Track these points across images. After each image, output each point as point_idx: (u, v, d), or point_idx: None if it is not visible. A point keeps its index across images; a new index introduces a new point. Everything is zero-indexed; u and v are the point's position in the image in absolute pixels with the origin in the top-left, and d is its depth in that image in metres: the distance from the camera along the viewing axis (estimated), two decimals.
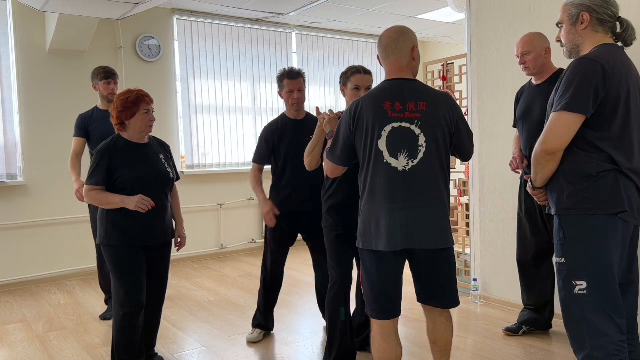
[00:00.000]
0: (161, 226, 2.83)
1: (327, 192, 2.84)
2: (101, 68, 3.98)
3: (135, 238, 2.74)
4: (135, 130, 2.77)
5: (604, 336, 1.97)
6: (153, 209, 2.74)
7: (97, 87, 3.97)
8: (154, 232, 2.80)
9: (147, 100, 2.77)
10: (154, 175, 2.78)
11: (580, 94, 1.94)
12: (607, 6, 2.06)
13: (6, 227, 4.95)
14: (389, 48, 2.26)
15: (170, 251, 2.99)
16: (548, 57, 3.05)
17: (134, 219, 2.72)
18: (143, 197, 2.66)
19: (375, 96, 2.24)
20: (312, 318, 3.88)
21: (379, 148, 2.19)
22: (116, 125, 2.78)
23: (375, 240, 2.20)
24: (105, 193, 2.69)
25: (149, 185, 2.75)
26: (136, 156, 2.77)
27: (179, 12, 5.82)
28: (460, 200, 4.46)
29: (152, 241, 2.81)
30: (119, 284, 2.72)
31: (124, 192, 2.70)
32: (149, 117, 2.78)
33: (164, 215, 2.85)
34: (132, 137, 2.80)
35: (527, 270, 3.35)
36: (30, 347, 3.44)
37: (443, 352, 2.37)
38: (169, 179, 2.87)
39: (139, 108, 2.74)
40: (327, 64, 6.93)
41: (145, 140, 2.85)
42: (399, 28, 2.30)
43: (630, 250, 2.10)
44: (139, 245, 2.76)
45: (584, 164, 2.00)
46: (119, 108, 2.74)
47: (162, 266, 2.94)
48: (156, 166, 2.82)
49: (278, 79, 3.36)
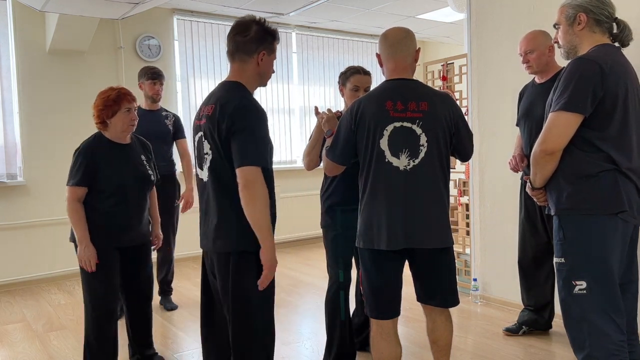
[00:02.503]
0: (138, 228, 2.78)
1: (326, 192, 2.84)
2: (148, 68, 4.08)
3: (111, 239, 2.68)
4: (117, 129, 2.71)
5: (603, 336, 1.97)
6: (131, 211, 2.70)
7: (142, 86, 4.05)
8: (130, 233, 2.75)
9: (128, 99, 2.71)
10: (135, 178, 2.74)
11: (579, 93, 1.94)
12: (603, 7, 2.07)
13: (6, 227, 4.95)
14: (395, 46, 2.26)
15: (150, 252, 2.93)
16: (551, 56, 3.03)
17: (112, 219, 2.66)
18: (92, 259, 2.58)
19: (377, 96, 2.24)
20: (312, 318, 3.88)
21: (380, 147, 2.20)
22: (97, 124, 2.71)
23: (376, 240, 2.21)
24: (82, 214, 2.61)
25: (131, 187, 2.71)
26: (119, 157, 2.72)
27: (179, 12, 5.82)
28: (460, 200, 4.46)
29: (128, 243, 2.74)
30: (91, 286, 2.64)
31: (104, 194, 2.64)
32: (130, 115, 2.71)
33: (142, 217, 2.80)
34: (114, 137, 2.73)
35: (527, 271, 3.34)
36: (30, 347, 3.44)
37: (443, 352, 2.37)
38: (150, 181, 2.83)
39: (120, 106, 2.68)
40: (327, 64, 6.93)
41: (128, 140, 2.79)
42: (404, 28, 2.32)
43: (629, 250, 2.10)
44: (113, 246, 2.69)
45: (583, 164, 2.00)
46: (100, 106, 2.68)
47: (143, 267, 2.87)
48: (138, 168, 2.77)
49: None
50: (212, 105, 2.00)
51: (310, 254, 5.98)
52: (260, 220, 1.92)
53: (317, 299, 4.28)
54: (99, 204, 2.66)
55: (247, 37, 2.01)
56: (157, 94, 4.05)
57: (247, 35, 2.02)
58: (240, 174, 1.91)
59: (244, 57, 2.04)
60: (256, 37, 2.02)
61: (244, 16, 2.07)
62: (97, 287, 2.65)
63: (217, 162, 1.98)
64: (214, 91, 2.10)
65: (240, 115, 1.93)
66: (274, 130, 6.49)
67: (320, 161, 2.77)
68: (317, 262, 5.53)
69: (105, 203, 2.66)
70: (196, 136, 2.10)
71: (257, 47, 2.03)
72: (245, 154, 1.91)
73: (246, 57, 2.04)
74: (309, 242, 6.60)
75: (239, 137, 1.92)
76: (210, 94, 2.11)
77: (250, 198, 1.91)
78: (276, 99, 6.49)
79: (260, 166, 1.93)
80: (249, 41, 2.02)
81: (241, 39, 2.02)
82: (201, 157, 2.06)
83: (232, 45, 2.05)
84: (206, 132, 2.00)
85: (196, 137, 2.10)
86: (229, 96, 1.99)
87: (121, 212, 2.69)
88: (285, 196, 6.38)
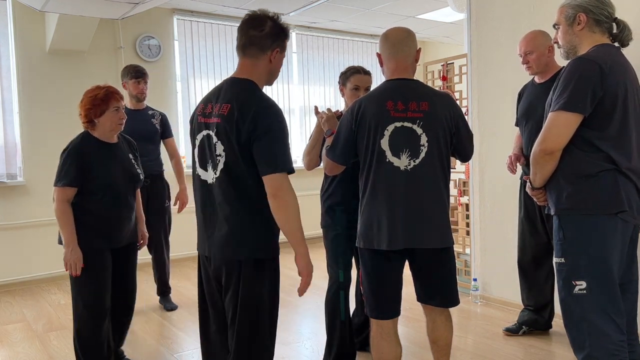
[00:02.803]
0: (128, 227, 2.76)
1: (326, 192, 2.84)
2: (132, 67, 4.00)
3: (105, 240, 2.65)
4: (105, 128, 2.65)
5: (603, 336, 1.97)
6: (123, 211, 2.68)
7: (126, 85, 3.98)
8: (123, 233, 2.73)
9: (117, 97, 2.66)
10: (125, 177, 2.71)
11: (578, 93, 1.94)
12: (603, 7, 2.07)
13: (6, 227, 4.95)
14: (397, 46, 2.26)
15: (136, 252, 2.90)
16: (551, 56, 3.02)
17: (106, 220, 2.63)
18: (78, 263, 2.53)
19: (378, 96, 2.25)
20: (312, 318, 3.88)
21: (381, 147, 2.20)
22: (84, 123, 2.65)
23: (377, 240, 2.21)
24: (71, 215, 2.55)
25: (122, 187, 2.68)
26: (108, 156, 2.67)
27: (179, 12, 5.82)
28: (460, 200, 4.46)
29: (119, 243, 2.71)
30: (85, 289, 2.60)
31: (96, 195, 2.60)
32: (119, 114, 2.67)
33: (131, 217, 2.78)
34: (101, 136, 2.67)
35: (527, 271, 3.34)
36: (30, 347, 3.44)
37: (443, 352, 2.37)
38: (139, 180, 2.80)
39: (108, 105, 2.63)
40: (327, 64, 6.93)
41: (115, 139, 2.75)
42: (405, 28, 2.32)
43: (629, 250, 2.10)
44: (106, 247, 2.66)
45: (583, 164, 2.00)
46: (87, 105, 2.62)
47: (129, 267, 2.84)
48: (128, 167, 2.74)
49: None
50: (228, 104, 1.89)
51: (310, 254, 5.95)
52: (293, 227, 1.89)
53: (317, 299, 4.27)
54: (91, 205, 2.61)
55: (262, 32, 1.93)
56: (142, 92, 3.97)
57: (262, 30, 1.93)
58: (268, 182, 1.85)
59: (258, 52, 1.95)
60: (271, 32, 1.94)
61: (255, 11, 1.98)
62: (94, 290, 2.62)
63: (234, 165, 1.88)
64: (223, 88, 1.98)
65: (263, 118, 1.84)
66: None
67: (320, 161, 2.77)
68: (317, 262, 5.49)
69: (97, 204, 2.61)
70: (200, 134, 1.98)
71: (272, 44, 1.95)
72: (272, 161, 1.84)
73: (260, 53, 1.95)
74: (309, 242, 6.51)
75: (263, 142, 1.84)
76: (218, 90, 1.99)
77: (282, 206, 1.86)
78: (276, 99, 6.46)
79: (288, 172, 1.88)
80: (265, 37, 1.93)
81: (256, 33, 1.93)
82: (207, 158, 1.96)
83: (246, 40, 1.94)
84: (221, 133, 1.89)
85: (200, 136, 1.98)
86: (247, 96, 1.90)
87: (114, 212, 2.66)
88: None
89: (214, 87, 2.06)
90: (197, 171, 2.03)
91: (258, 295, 1.94)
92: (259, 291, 1.95)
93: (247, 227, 1.92)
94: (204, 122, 1.98)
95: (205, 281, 2.10)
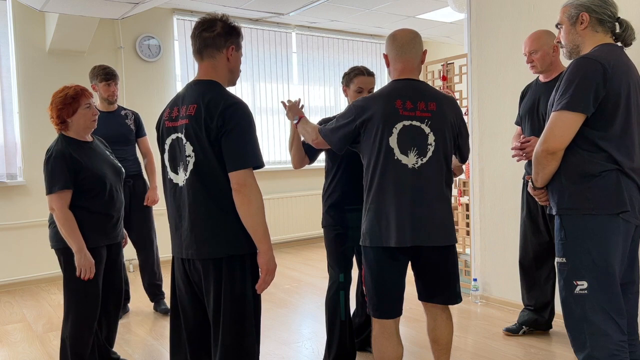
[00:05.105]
0: (122, 222, 2.78)
1: (327, 192, 2.84)
2: (100, 68, 3.85)
3: (103, 237, 2.64)
4: (79, 127, 2.64)
5: (604, 336, 1.97)
6: (116, 205, 2.68)
7: (96, 88, 3.85)
8: (118, 228, 2.73)
9: (87, 94, 2.64)
10: (112, 171, 2.71)
11: (581, 92, 1.94)
12: (606, 6, 2.07)
13: (6, 227, 4.94)
14: (406, 47, 2.29)
15: (122, 248, 2.90)
16: (556, 55, 3.02)
17: (103, 217, 2.63)
18: (92, 267, 2.54)
19: (387, 94, 2.27)
20: (312, 318, 3.88)
21: (389, 145, 2.22)
22: (58, 125, 2.63)
23: (385, 237, 2.22)
24: (74, 221, 2.54)
25: (111, 181, 2.68)
26: (90, 154, 2.66)
27: (179, 12, 5.82)
28: (460, 200, 4.47)
29: (115, 239, 2.71)
30: (84, 292, 2.59)
31: (89, 193, 2.59)
32: (91, 111, 2.65)
33: (122, 212, 2.79)
34: (77, 135, 2.66)
35: (528, 270, 3.34)
36: (30, 347, 3.44)
37: (443, 351, 2.38)
38: (123, 173, 2.82)
39: (80, 103, 2.61)
40: (327, 64, 6.93)
41: (90, 137, 2.74)
42: (412, 30, 2.35)
43: (631, 250, 2.10)
44: (104, 244, 2.66)
45: (585, 164, 2.00)
46: (59, 106, 2.59)
47: (119, 263, 2.84)
48: (110, 162, 2.75)
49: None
50: (194, 104, 1.91)
51: (310, 254, 5.98)
52: (256, 222, 1.88)
53: (317, 299, 4.28)
54: (87, 202, 2.60)
55: (215, 32, 1.97)
56: (113, 95, 3.83)
57: (214, 30, 1.97)
58: (233, 177, 1.87)
59: (214, 52, 1.98)
60: (223, 31, 1.99)
61: (203, 16, 2.03)
62: (92, 290, 2.61)
63: (204, 165, 1.90)
64: (188, 90, 2.00)
65: (231, 114, 1.87)
66: (273, 131, 6.50)
67: (306, 158, 2.76)
68: (317, 262, 5.53)
69: (93, 201, 2.61)
70: (169, 138, 2.00)
71: (226, 42, 1.99)
72: (238, 156, 1.87)
73: (216, 52, 1.98)
74: (309, 242, 6.60)
75: (230, 138, 1.86)
76: (183, 93, 2.01)
77: (245, 201, 1.87)
78: (276, 99, 6.49)
79: (254, 167, 1.89)
80: (217, 36, 1.98)
81: (209, 34, 1.97)
82: (177, 160, 1.97)
83: (201, 43, 1.99)
84: (190, 134, 1.90)
85: (169, 140, 2.00)
86: (212, 94, 1.91)
87: (110, 208, 2.66)
88: (284, 196, 6.38)
89: (178, 92, 2.06)
90: (168, 175, 2.03)
91: (242, 290, 1.95)
92: (242, 286, 1.95)
93: (223, 225, 1.92)
94: (171, 126, 2.00)
95: (177, 286, 2.10)
